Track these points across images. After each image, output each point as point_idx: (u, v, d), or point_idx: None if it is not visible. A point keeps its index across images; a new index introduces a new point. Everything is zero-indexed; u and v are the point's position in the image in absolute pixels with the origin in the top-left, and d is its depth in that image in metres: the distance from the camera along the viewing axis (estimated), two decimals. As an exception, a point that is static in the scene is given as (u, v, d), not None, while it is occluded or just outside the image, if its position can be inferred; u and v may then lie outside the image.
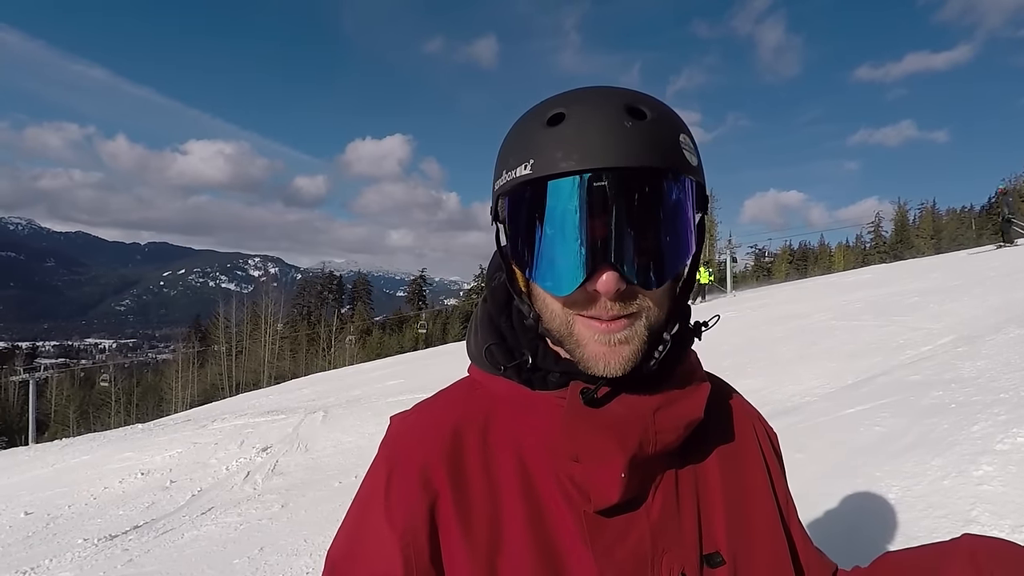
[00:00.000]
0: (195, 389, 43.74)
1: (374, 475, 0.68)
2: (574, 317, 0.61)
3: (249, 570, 4.25)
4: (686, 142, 0.60)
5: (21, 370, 37.10)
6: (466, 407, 0.70)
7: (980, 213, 51.31)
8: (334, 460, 7.30)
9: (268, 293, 50.77)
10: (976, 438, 2.92)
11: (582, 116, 0.57)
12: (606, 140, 0.55)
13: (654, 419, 0.63)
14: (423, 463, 0.65)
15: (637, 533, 0.64)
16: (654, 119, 0.58)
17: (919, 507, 2.47)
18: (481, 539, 0.62)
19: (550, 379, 0.66)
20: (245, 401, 17.39)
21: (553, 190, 0.57)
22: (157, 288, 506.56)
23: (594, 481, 0.62)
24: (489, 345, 0.69)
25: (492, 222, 0.66)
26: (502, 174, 0.62)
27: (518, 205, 0.60)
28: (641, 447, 0.62)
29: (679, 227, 0.59)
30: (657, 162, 0.56)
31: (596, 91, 0.61)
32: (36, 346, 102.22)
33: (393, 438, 0.70)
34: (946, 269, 12.80)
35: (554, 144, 0.57)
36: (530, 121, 0.62)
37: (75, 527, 6.27)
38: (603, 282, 0.56)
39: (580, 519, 0.63)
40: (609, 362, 0.60)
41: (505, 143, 0.64)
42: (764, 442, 0.76)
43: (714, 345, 0.88)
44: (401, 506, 0.63)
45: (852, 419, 3.85)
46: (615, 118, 0.56)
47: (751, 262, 57.93)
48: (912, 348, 6.39)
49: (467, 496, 0.64)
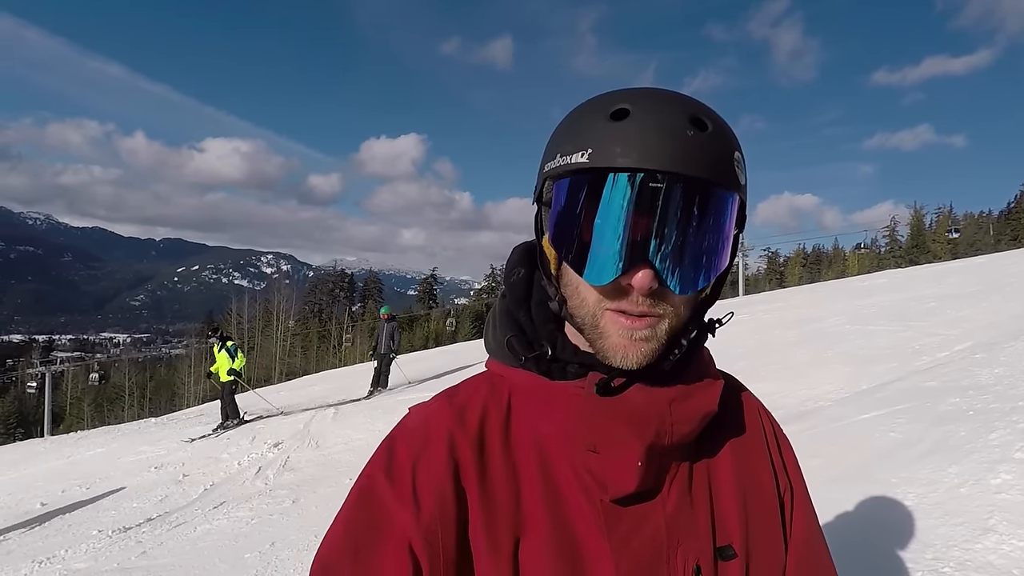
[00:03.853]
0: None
1: (391, 458, 0.67)
2: (603, 310, 0.61)
3: (260, 564, 4.28)
4: (739, 159, 0.61)
5: (37, 363, 37.62)
6: (487, 397, 0.71)
7: (999, 217, 50.58)
8: (345, 457, 7.36)
9: (280, 290, 51.17)
10: (994, 446, 2.88)
11: (646, 116, 0.58)
12: (667, 144, 0.56)
13: (670, 410, 0.64)
14: (450, 446, 0.66)
15: (653, 524, 0.65)
16: (714, 132, 0.59)
17: (935, 515, 2.44)
18: (503, 526, 0.63)
19: (569, 370, 0.67)
20: (256, 397, 17.51)
21: (607, 182, 0.57)
22: (171, 284, 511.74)
23: (611, 470, 0.64)
24: (509, 336, 0.70)
25: (534, 202, 0.67)
26: (556, 157, 0.62)
27: (568, 190, 0.60)
28: (658, 437, 0.63)
29: (718, 240, 0.60)
30: (710, 174, 0.57)
31: (662, 94, 0.61)
32: (52, 339, 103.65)
33: (416, 423, 0.70)
34: (964, 275, 12.63)
35: (615, 138, 0.57)
36: (592, 111, 0.61)
37: (90, 518, 6.36)
38: (638, 278, 0.57)
39: (597, 509, 0.64)
40: (628, 355, 0.61)
41: (562, 127, 0.64)
42: (771, 440, 0.77)
43: (727, 348, 0.87)
44: (427, 488, 0.63)
45: (867, 425, 3.82)
46: (678, 125, 0.57)
47: (764, 265, 57.55)
48: (928, 354, 6.32)
49: (492, 483, 0.65)
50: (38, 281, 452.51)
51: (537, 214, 0.67)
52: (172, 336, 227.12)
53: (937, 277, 13.14)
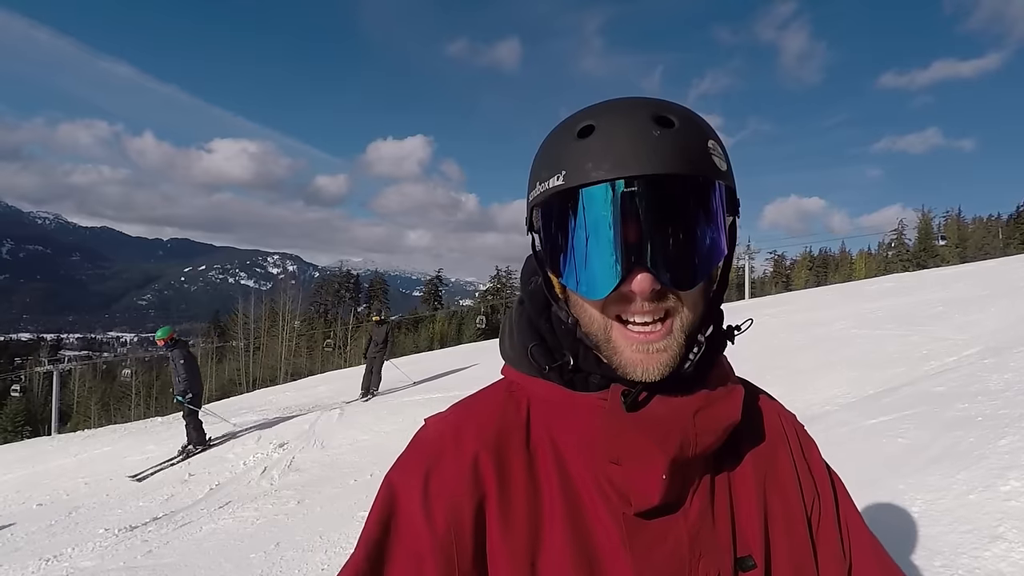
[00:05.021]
0: (213, 384, 44.31)
1: (409, 471, 0.67)
2: (612, 324, 0.62)
3: (265, 564, 4.29)
4: (715, 148, 0.61)
5: (46, 361, 37.88)
6: (507, 407, 0.70)
7: (1008, 221, 50.19)
8: (350, 458, 7.36)
9: (286, 290, 51.23)
10: (1004, 452, 2.85)
11: (611, 127, 0.59)
12: (635, 149, 0.57)
13: (694, 421, 0.64)
14: (467, 459, 0.65)
15: (675, 536, 0.64)
16: (681, 127, 0.59)
17: (944, 521, 2.42)
18: (522, 538, 0.63)
19: (591, 380, 0.67)
20: (262, 397, 17.57)
21: (585, 198, 0.58)
22: (178, 284, 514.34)
23: (634, 483, 0.63)
24: (532, 346, 0.70)
25: (527, 232, 0.68)
26: (535, 186, 0.63)
27: (552, 215, 0.62)
28: (682, 449, 0.63)
29: (709, 230, 0.60)
30: (685, 168, 0.58)
31: (624, 102, 0.62)
32: (60, 338, 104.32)
33: (432, 435, 0.70)
34: (972, 279, 12.54)
35: (584, 155, 0.59)
36: (560, 134, 0.63)
37: (96, 517, 6.40)
38: (637, 282, 0.58)
39: (619, 521, 0.63)
40: (647, 368, 0.61)
41: (537, 157, 0.66)
42: (794, 445, 0.76)
43: (732, 351, 0.87)
44: (443, 501, 0.63)
45: (874, 430, 3.79)
46: (643, 127, 0.58)
47: (770, 268, 57.29)
48: (936, 359, 6.28)
49: (511, 495, 0.64)
50: (47, 280, 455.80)
51: (532, 243, 0.69)
52: (179, 336, 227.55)
53: (945, 281, 13.05)
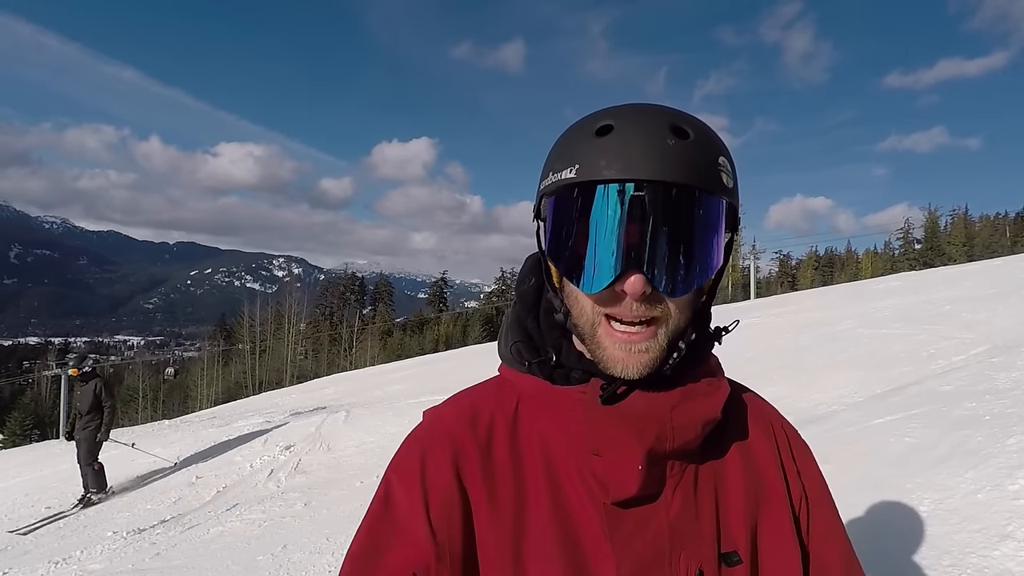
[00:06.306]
0: (219, 387, 44.48)
1: (405, 460, 0.71)
2: (601, 319, 0.64)
3: (272, 567, 4.31)
4: (724, 164, 0.63)
5: (53, 365, 38.07)
6: (496, 400, 0.74)
7: (1015, 219, 49.89)
8: (356, 460, 7.38)
9: (292, 293, 51.38)
10: (1012, 451, 2.83)
11: (628, 130, 0.61)
12: (648, 154, 0.59)
13: (671, 415, 0.66)
14: (457, 448, 0.69)
15: (655, 528, 0.67)
16: (695, 139, 0.62)
17: (952, 521, 2.41)
18: (507, 525, 0.66)
19: (573, 375, 0.70)
20: (268, 400, 17.66)
21: (594, 194, 0.61)
22: (184, 287, 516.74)
23: (613, 473, 0.66)
24: (516, 342, 0.74)
25: (534, 219, 0.71)
26: (548, 175, 0.66)
27: (560, 205, 0.64)
28: (658, 441, 0.65)
29: (707, 243, 0.62)
30: (693, 180, 0.60)
31: (644, 108, 0.65)
32: (68, 342, 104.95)
33: (427, 426, 0.74)
34: (980, 277, 12.47)
35: (599, 153, 0.61)
36: (579, 130, 0.66)
37: (104, 520, 6.44)
38: (630, 283, 0.60)
39: (600, 511, 0.66)
40: (627, 365, 0.64)
41: (555, 148, 0.68)
42: (783, 446, 0.78)
43: (738, 352, 0.87)
44: (435, 487, 0.67)
45: (881, 429, 3.77)
46: (659, 135, 0.60)
47: (776, 268, 57.10)
48: (944, 358, 6.25)
49: (497, 483, 0.68)
50: (54, 284, 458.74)
51: (538, 231, 0.72)
52: (185, 339, 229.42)
53: (952, 280, 12.97)
